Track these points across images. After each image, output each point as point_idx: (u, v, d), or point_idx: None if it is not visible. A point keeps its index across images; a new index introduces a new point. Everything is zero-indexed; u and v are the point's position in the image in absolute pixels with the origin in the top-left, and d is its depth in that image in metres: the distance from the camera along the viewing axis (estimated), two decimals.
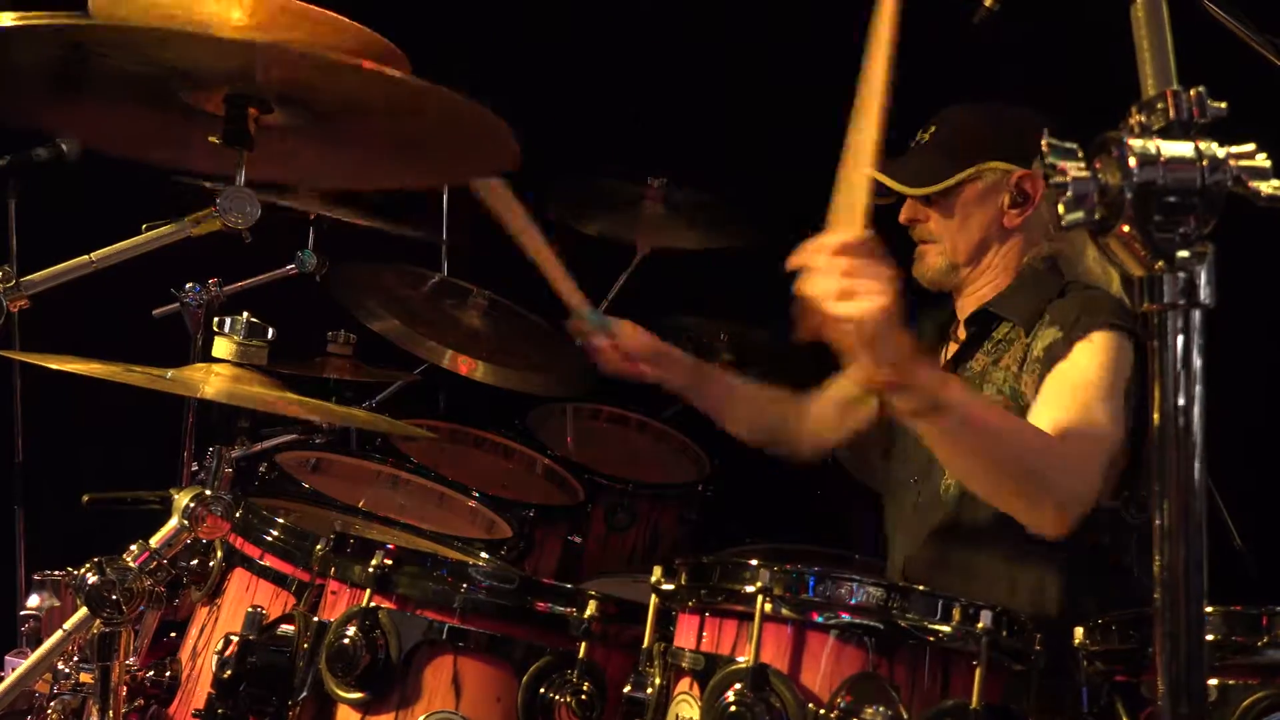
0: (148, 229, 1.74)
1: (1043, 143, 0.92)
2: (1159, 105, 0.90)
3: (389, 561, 1.44)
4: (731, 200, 3.38)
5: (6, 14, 1.40)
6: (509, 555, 2.45)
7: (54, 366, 1.44)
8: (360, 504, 2.39)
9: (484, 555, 2.10)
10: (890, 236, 2.18)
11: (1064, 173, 0.91)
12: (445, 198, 3.46)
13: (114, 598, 1.48)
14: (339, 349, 2.84)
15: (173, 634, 2.09)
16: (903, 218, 2.13)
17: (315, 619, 1.48)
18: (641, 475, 3.12)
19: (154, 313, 2.72)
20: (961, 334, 2.13)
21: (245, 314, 1.60)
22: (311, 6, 1.67)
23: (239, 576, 1.83)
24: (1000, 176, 2.04)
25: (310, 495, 2.31)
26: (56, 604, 2.12)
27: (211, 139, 1.71)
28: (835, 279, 1.42)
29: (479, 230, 3.47)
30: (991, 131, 2.09)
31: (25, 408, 2.93)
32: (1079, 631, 1.24)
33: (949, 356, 2.12)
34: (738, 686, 1.18)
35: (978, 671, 1.17)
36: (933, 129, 2.13)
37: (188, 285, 2.71)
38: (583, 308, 2.32)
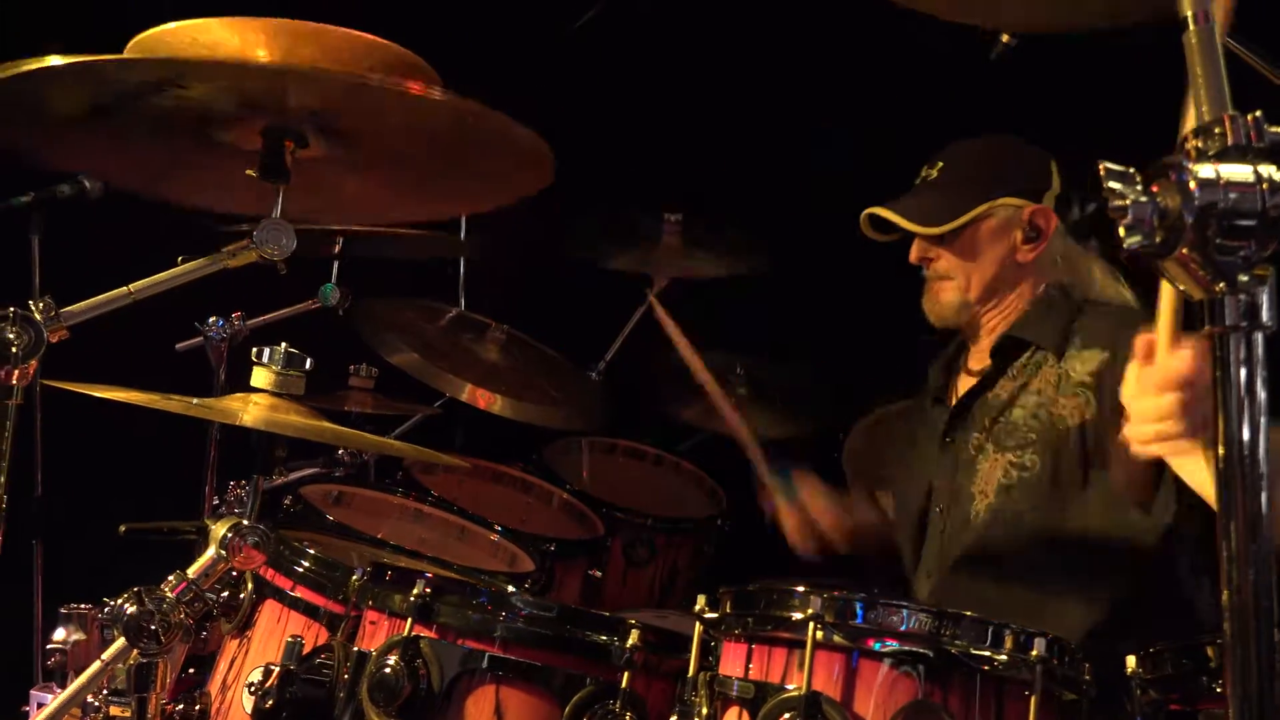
0: (183, 261, 1.75)
1: (1100, 167, 0.93)
2: (1216, 130, 0.91)
3: (430, 591, 1.44)
4: (748, 235, 3.40)
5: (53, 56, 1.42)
6: (531, 589, 2.44)
7: (99, 395, 1.44)
8: (379, 535, 2.38)
9: (510, 589, 2.10)
10: (895, 270, 2.20)
11: (1123, 197, 0.92)
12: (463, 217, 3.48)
13: (152, 628, 1.47)
14: (361, 382, 2.85)
15: (191, 670, 2.08)
16: (913, 257, 2.11)
17: (355, 649, 1.48)
18: (658, 509, 3.11)
19: (177, 346, 2.73)
20: (977, 365, 2.11)
21: (284, 344, 1.61)
22: (331, 27, 1.68)
23: (270, 608, 1.82)
24: (1012, 212, 2.04)
25: (336, 528, 2.30)
26: (82, 637, 2.11)
27: (249, 173, 1.72)
28: (1167, 412, 1.28)
29: (496, 250, 3.51)
30: (1001, 167, 2.08)
31: (45, 440, 2.93)
32: (1131, 660, 1.23)
33: (961, 393, 2.11)
34: (789, 715, 1.17)
35: (1032, 700, 1.17)
36: (940, 165, 2.12)
37: (210, 319, 2.72)
38: (765, 467, 2.27)
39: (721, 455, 3.43)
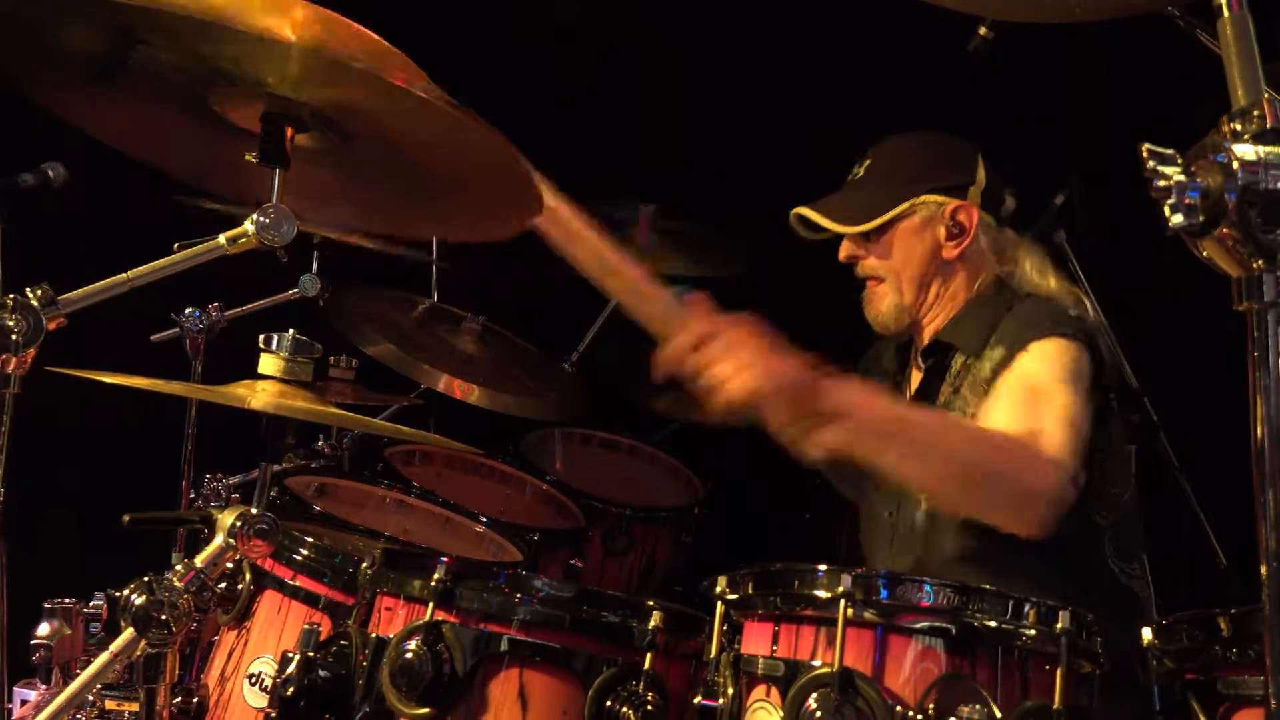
0: (180, 248, 1.72)
1: (1143, 149, 0.96)
2: (1254, 113, 0.94)
3: (449, 575, 1.43)
4: (720, 229, 3.42)
5: None
6: None
7: (107, 380, 1.42)
8: (365, 526, 2.36)
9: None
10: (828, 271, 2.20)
11: (1166, 178, 0.94)
12: None
13: (163, 618, 1.45)
14: (341, 373, 2.82)
15: None
16: (842, 256, 2.12)
17: (372, 634, 1.47)
18: (635, 499, 3.13)
19: (152, 338, 2.69)
20: (920, 366, 2.13)
21: (291, 331, 1.59)
22: (364, 29, 1.66)
23: (269, 598, 1.80)
24: (934, 209, 2.04)
25: (324, 519, 2.28)
26: (67, 632, 2.08)
27: (249, 157, 1.69)
28: (710, 369, 1.56)
29: (469, 253, 3.50)
30: (924, 164, 2.08)
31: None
32: (1147, 632, 1.27)
33: (914, 389, 2.13)
34: (822, 691, 1.18)
35: (1058, 672, 1.19)
36: (868, 162, 2.12)
37: (187, 310, 2.68)
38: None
39: (697, 445, 3.46)
